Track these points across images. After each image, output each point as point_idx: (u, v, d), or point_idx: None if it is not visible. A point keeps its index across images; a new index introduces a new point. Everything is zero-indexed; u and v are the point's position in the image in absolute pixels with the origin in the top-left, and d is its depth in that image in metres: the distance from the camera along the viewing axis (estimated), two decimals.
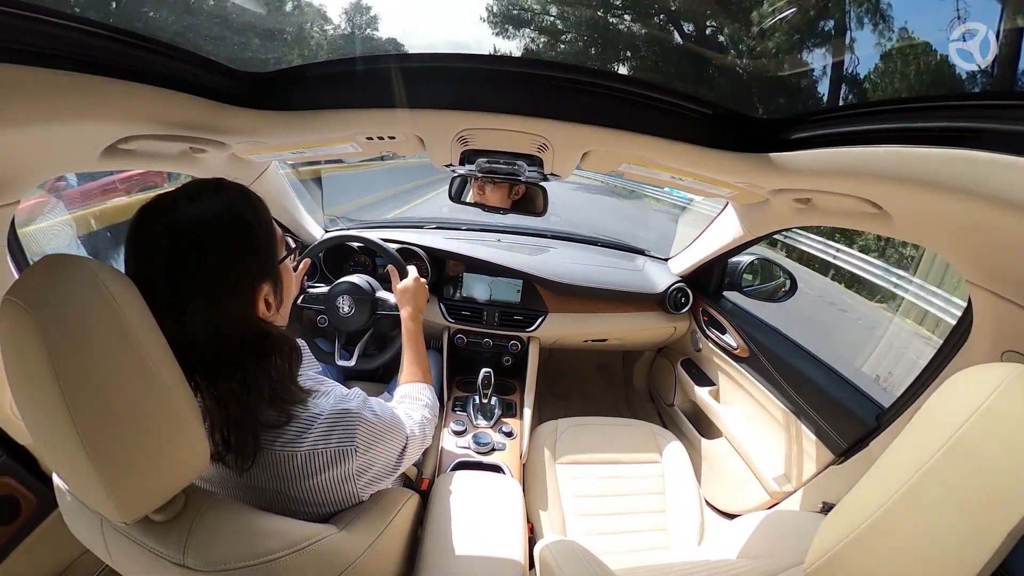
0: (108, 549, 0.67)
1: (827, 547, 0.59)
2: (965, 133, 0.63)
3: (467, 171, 1.45)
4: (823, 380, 1.44)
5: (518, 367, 2.08)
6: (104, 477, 0.54)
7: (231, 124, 0.97)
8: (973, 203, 0.68)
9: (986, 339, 0.91)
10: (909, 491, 0.52)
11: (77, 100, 0.71)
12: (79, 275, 0.54)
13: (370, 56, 0.93)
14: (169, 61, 0.78)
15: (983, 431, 0.49)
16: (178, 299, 0.69)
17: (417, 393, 1.19)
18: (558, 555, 0.88)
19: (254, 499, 0.76)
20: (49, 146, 0.83)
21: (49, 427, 0.54)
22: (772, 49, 5.57)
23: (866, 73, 5.78)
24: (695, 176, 1.18)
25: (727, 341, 1.88)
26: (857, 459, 1.27)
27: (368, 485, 0.86)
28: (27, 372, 0.52)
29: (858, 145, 0.78)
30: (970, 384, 0.53)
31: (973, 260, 0.86)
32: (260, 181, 1.57)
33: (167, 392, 0.58)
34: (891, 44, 5.56)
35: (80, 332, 0.52)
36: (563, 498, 1.55)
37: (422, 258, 1.98)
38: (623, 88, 0.92)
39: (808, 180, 0.97)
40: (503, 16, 11.55)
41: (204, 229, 0.71)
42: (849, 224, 1.14)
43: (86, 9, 3.49)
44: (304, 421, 0.77)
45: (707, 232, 1.91)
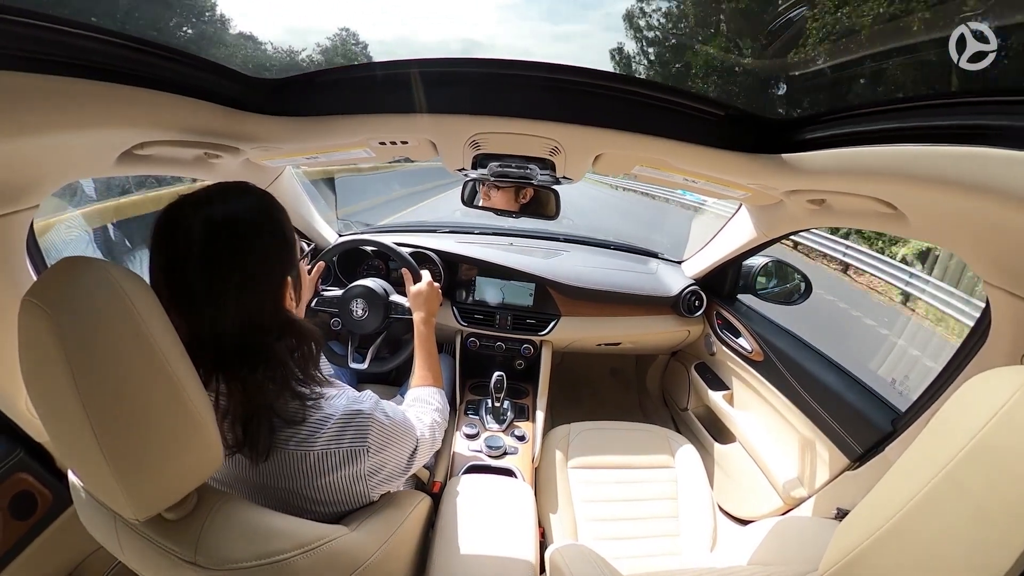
0: (121, 546, 0.68)
1: (841, 554, 0.58)
2: (980, 130, 0.62)
3: (479, 175, 1.46)
4: (838, 384, 1.42)
5: (530, 371, 2.07)
6: (118, 475, 0.54)
7: (246, 130, 0.99)
8: (990, 201, 0.66)
9: (1005, 341, 0.89)
10: (926, 497, 0.51)
11: (97, 107, 0.73)
12: (96, 277, 0.55)
13: (382, 62, 0.94)
14: (185, 68, 0.79)
15: (1003, 436, 0.48)
16: (215, 288, 0.72)
17: (428, 397, 1.19)
18: (569, 559, 0.88)
19: (266, 498, 0.77)
20: (68, 152, 0.85)
21: (65, 425, 0.55)
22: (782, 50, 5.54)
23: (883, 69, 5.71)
24: (708, 178, 1.18)
25: (741, 345, 1.86)
26: (872, 464, 1.24)
27: (379, 485, 0.87)
28: (44, 371, 0.53)
29: (872, 144, 0.77)
30: (989, 387, 0.52)
31: (991, 260, 0.84)
32: (274, 186, 1.58)
33: (181, 392, 0.59)
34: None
35: (96, 332, 0.53)
36: (575, 502, 1.54)
37: (435, 262, 1.99)
38: (634, 91, 0.92)
39: (822, 181, 0.96)
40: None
41: (242, 223, 0.75)
42: (864, 225, 1.12)
43: (103, 19, 3.57)
44: (317, 421, 0.78)
45: (721, 234, 1.90)
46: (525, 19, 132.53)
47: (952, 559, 0.48)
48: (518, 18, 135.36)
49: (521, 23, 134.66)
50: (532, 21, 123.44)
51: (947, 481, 0.50)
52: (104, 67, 0.68)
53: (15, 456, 1.07)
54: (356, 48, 29.03)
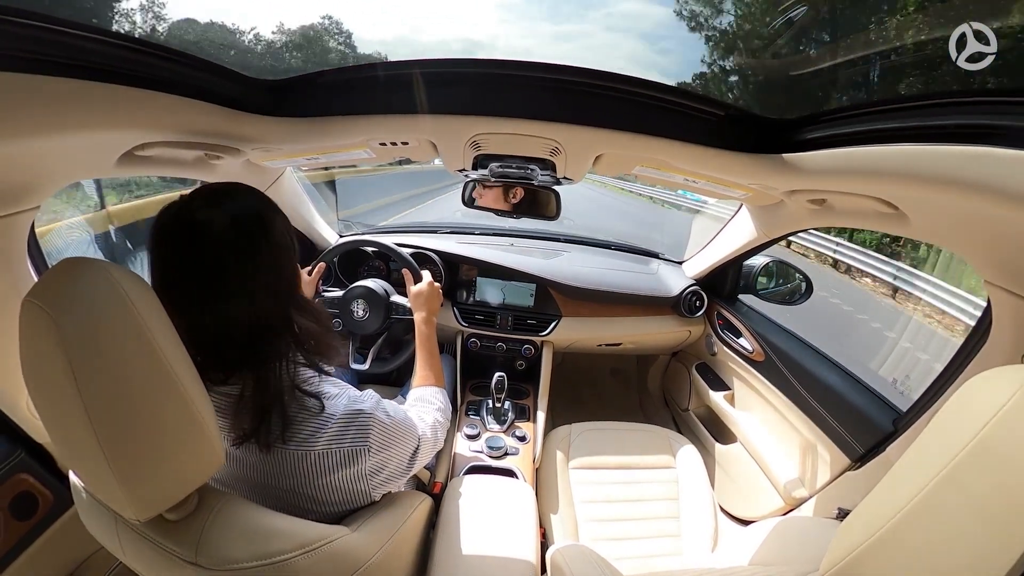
0: (122, 546, 0.68)
1: (842, 554, 0.58)
2: (981, 130, 0.62)
3: (480, 175, 1.45)
4: (839, 384, 1.42)
5: (531, 371, 2.07)
6: (119, 476, 0.54)
7: (246, 131, 0.99)
8: (990, 201, 0.66)
9: (1006, 340, 0.89)
10: (927, 497, 0.51)
11: (97, 108, 0.73)
12: (97, 277, 0.55)
13: (382, 63, 0.94)
14: (185, 69, 0.79)
15: (1004, 435, 0.48)
16: (213, 291, 0.72)
17: (430, 396, 1.19)
18: (570, 560, 0.88)
19: (267, 498, 0.77)
20: (69, 153, 0.85)
21: (66, 426, 0.55)
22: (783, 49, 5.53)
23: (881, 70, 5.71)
24: (709, 178, 1.18)
25: (742, 345, 1.86)
26: (873, 464, 1.24)
27: (381, 485, 0.87)
28: (45, 372, 0.53)
29: (872, 144, 0.76)
30: (990, 386, 0.52)
31: (991, 260, 0.84)
32: (275, 187, 1.59)
33: (182, 392, 0.59)
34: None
35: (97, 333, 0.53)
36: (576, 503, 1.54)
37: (436, 262, 1.99)
38: (634, 91, 0.92)
39: (822, 180, 0.96)
40: None
41: (263, 215, 0.77)
42: (865, 225, 1.12)
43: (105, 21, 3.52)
44: (318, 421, 0.78)
45: (721, 234, 1.90)
46: (526, 18, 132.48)
47: (954, 559, 0.48)
48: (519, 17, 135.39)
49: (522, 22, 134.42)
50: (533, 20, 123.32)
51: (948, 481, 0.50)
52: (105, 68, 0.68)
53: (16, 457, 1.07)
54: (355, 47, 29.00)
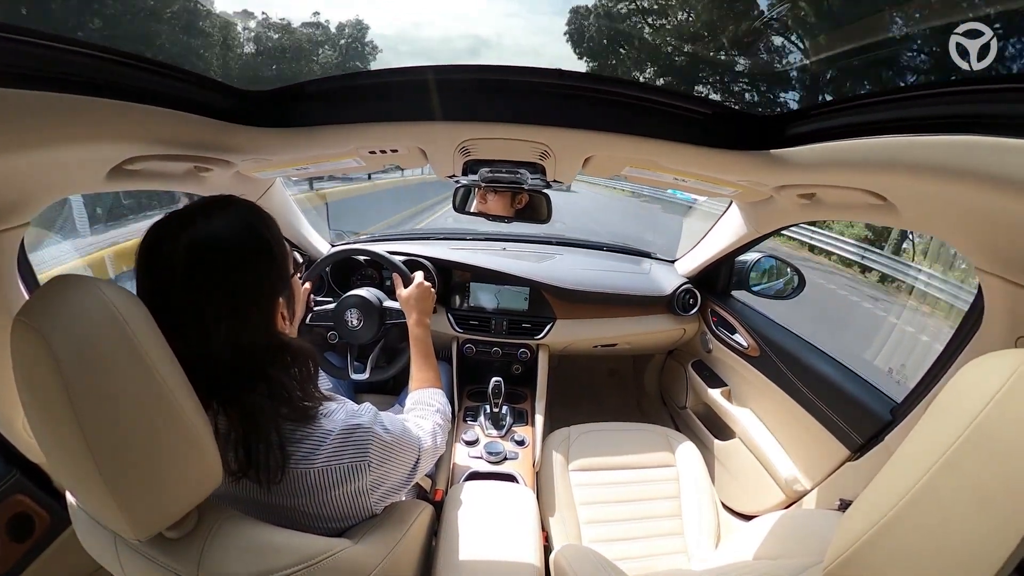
0: (122, 566, 0.68)
1: (846, 545, 0.58)
2: (965, 119, 0.63)
3: (470, 181, 1.46)
4: (835, 376, 1.43)
5: (528, 375, 2.06)
6: (117, 495, 0.54)
7: (235, 142, 0.98)
8: (978, 188, 0.67)
9: (999, 326, 0.90)
10: (927, 485, 0.51)
11: (86, 122, 0.72)
12: (88, 295, 0.55)
13: (371, 71, 0.94)
14: (171, 81, 0.79)
15: (1000, 419, 0.48)
16: (202, 313, 0.71)
17: (428, 399, 1.19)
18: (574, 562, 0.88)
19: (268, 516, 0.76)
20: (58, 168, 0.84)
21: (61, 446, 0.54)
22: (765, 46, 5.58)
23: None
24: (698, 177, 1.18)
25: (737, 341, 1.86)
26: (873, 454, 1.25)
27: (382, 499, 0.86)
28: (38, 391, 0.53)
29: (859, 137, 0.77)
30: (985, 371, 0.52)
31: (981, 246, 0.85)
32: (266, 198, 1.58)
33: (178, 409, 0.59)
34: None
35: (90, 351, 0.53)
36: (577, 505, 1.54)
37: (428, 269, 1.99)
38: (621, 92, 0.92)
39: (811, 175, 0.97)
40: None
41: (226, 244, 0.73)
42: (855, 217, 1.13)
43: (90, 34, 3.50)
44: (316, 438, 0.77)
45: (713, 232, 1.91)
46: (536, 13, 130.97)
47: (955, 544, 0.49)
48: (529, 11, 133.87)
49: (531, 17, 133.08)
50: (544, 16, 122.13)
51: (947, 467, 0.50)
52: (92, 81, 0.68)
53: (11, 477, 1.06)
54: (355, 46, 28.89)
